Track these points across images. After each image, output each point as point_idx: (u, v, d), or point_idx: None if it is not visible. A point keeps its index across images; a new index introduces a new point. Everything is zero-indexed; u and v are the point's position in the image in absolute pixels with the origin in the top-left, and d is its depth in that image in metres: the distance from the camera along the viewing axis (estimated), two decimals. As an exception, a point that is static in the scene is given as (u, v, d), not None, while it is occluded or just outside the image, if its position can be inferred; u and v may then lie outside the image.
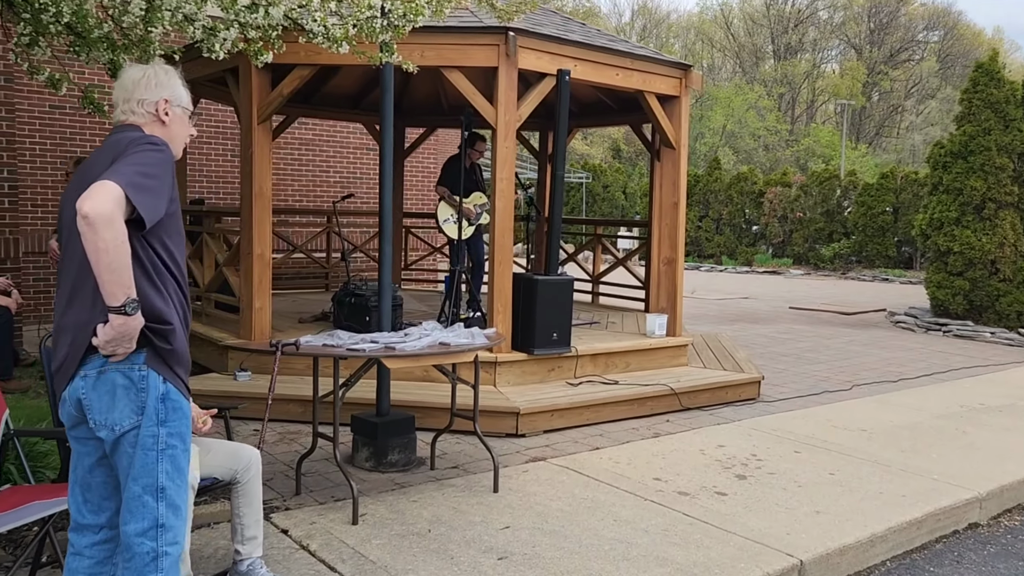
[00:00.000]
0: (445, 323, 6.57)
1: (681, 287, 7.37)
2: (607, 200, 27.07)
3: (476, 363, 4.64)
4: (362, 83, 9.68)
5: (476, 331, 4.47)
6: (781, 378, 7.94)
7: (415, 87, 9.87)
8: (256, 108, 6.20)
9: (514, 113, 6.10)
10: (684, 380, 6.65)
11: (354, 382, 4.22)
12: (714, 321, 11.89)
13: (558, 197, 6.28)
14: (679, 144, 7.23)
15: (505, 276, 6.16)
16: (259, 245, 6.33)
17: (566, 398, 5.87)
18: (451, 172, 7.94)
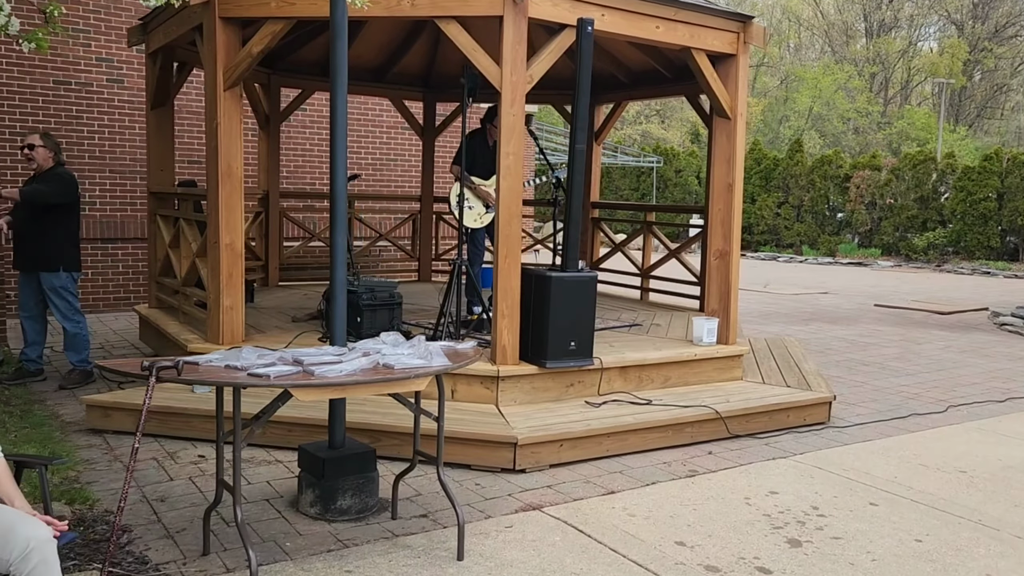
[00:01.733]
0: (443, 329, 5.53)
1: (736, 285, 6.14)
2: (679, 186, 25.59)
3: (440, 387, 3.58)
4: (387, 53, 8.71)
5: (438, 348, 3.40)
6: (859, 395, 6.63)
7: (444, 56, 8.84)
8: (222, 71, 5.26)
9: (523, 73, 4.99)
10: (735, 400, 5.45)
11: (264, 418, 3.21)
12: (785, 320, 10.54)
13: (577, 177, 5.15)
14: (735, 113, 5.99)
15: (512, 273, 5.08)
16: (228, 233, 5.41)
17: (582, 423, 4.76)
18: (469, 149, 6.87)
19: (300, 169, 10.39)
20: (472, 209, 6.81)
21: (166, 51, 6.48)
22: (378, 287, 5.86)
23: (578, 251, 5.19)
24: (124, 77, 9.22)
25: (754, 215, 22.98)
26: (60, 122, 8.89)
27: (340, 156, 3.91)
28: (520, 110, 5.01)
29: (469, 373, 5.05)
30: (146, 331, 7.07)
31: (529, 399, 5.15)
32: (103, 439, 4.87)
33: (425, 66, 9.08)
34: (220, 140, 5.29)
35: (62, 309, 5.90)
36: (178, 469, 4.39)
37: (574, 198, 5.12)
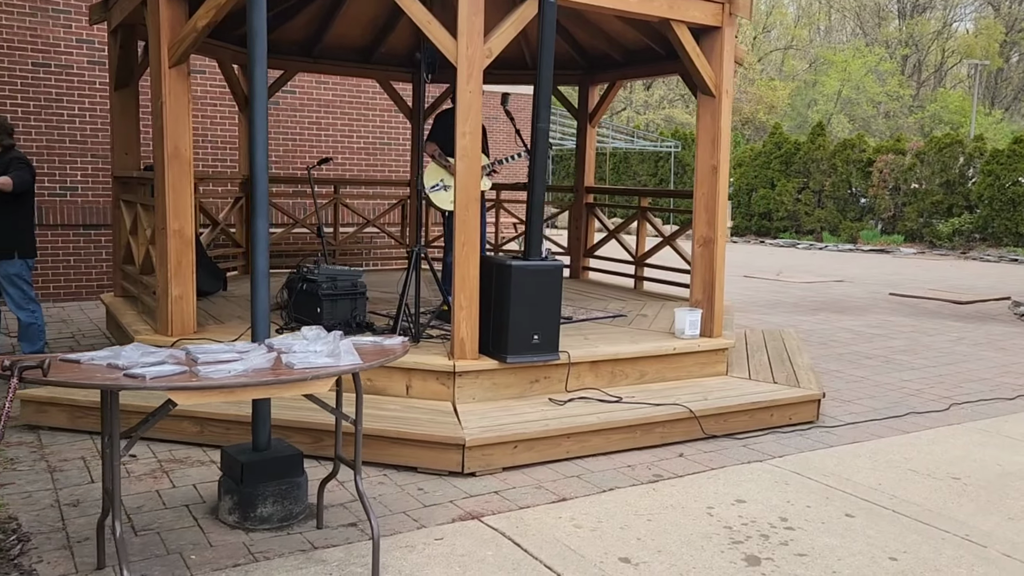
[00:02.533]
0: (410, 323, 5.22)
1: (721, 274, 5.77)
2: (698, 170, 25.00)
3: (358, 387, 3.26)
4: (372, 32, 8.38)
5: (349, 346, 3.08)
6: (856, 391, 6.23)
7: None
8: (167, 47, 4.97)
9: (480, 47, 4.65)
10: (713, 397, 5.09)
11: (151, 422, 2.91)
12: (792, 310, 10.11)
13: (540, 159, 4.80)
14: (720, 90, 5.60)
15: (470, 261, 4.75)
16: (176, 219, 5.13)
17: (539, 423, 4.43)
18: (445, 128, 6.55)
19: (290, 153, 10.12)
20: (449, 190, 6.48)
21: (126, 28, 6.22)
22: (340, 276, 5.56)
23: (541, 238, 4.84)
24: (106, 59, 8.98)
25: (774, 201, 22.42)
26: (39, 105, 8.68)
27: (259, 134, 3.62)
28: (477, 86, 4.66)
29: (424, 368, 4.75)
30: (110, 321, 6.85)
31: (489, 396, 4.83)
32: (36, 436, 4.62)
33: (412, 46, 8.73)
34: (166, 120, 5.01)
35: (16, 298, 5.67)
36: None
37: (536, 182, 4.77)
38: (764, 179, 22.85)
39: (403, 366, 4.76)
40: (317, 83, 10.21)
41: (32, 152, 8.63)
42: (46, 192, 8.71)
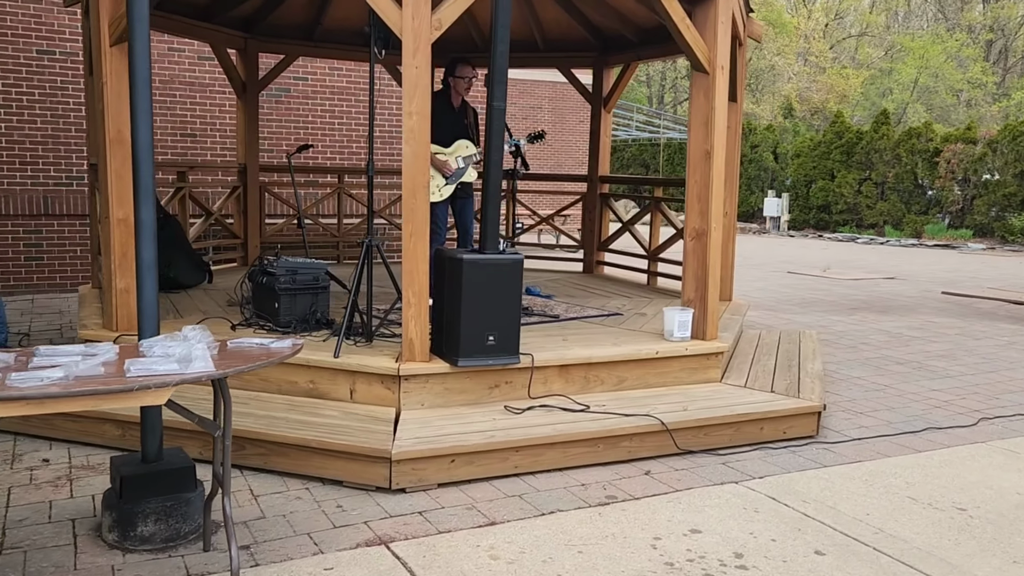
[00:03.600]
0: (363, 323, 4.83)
1: (716, 270, 5.23)
2: (754, 162, 24.09)
3: (224, 396, 2.87)
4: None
5: (203, 352, 2.69)
6: (874, 401, 5.60)
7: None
8: (107, 23, 4.67)
9: (427, 18, 4.21)
10: (695, 408, 4.57)
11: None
12: (828, 310, 9.40)
13: (495, 141, 4.33)
14: (713, 66, 5.04)
15: (418, 254, 4.33)
16: (120, 207, 4.84)
17: (483, 435, 3.99)
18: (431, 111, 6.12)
19: (302, 142, 9.84)
20: (432, 180, 6.06)
21: (96, 10, 5.95)
22: (301, 269, 5.20)
23: (498, 229, 4.39)
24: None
25: (832, 193, 21.40)
26: (44, 93, 8.57)
27: (141, 115, 3.25)
28: (424, 61, 4.23)
29: (368, 371, 4.35)
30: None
31: (440, 402, 4.40)
32: (-40, 435, 4.39)
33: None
34: (108, 102, 4.72)
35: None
36: (5, 477, 3.85)
37: (491, 166, 4.32)
38: (823, 170, 21.83)
39: (346, 368, 4.38)
40: (331, 69, 9.91)
41: (37, 140, 8.54)
42: (51, 182, 8.61)
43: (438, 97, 6.18)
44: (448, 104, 6.15)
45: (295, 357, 4.45)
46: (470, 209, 6.32)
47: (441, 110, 6.12)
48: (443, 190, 6.06)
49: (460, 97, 6.19)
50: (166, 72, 9.09)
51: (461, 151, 6.10)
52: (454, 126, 6.11)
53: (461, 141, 6.10)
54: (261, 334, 4.96)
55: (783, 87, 44.52)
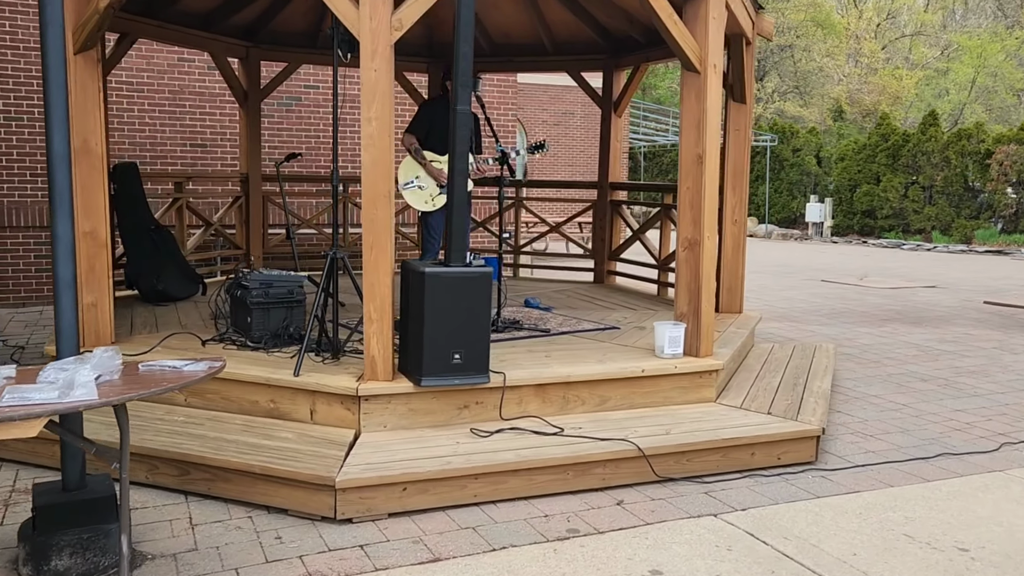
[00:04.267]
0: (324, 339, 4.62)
1: (710, 282, 4.90)
2: (796, 166, 23.46)
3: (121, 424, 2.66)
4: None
5: (87, 377, 2.49)
6: (888, 422, 5.21)
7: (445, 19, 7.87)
8: (71, 31, 4.54)
9: (386, 18, 3.99)
10: (678, 431, 4.25)
11: None
12: (856, 321, 8.94)
13: (460, 146, 4.08)
14: (705, 65, 4.73)
15: (379, 267, 4.10)
16: (88, 219, 4.70)
17: (441, 461, 3.73)
18: (428, 117, 5.93)
19: (314, 151, 9.72)
20: (423, 189, 5.86)
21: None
22: (276, 282, 5.02)
23: (465, 241, 4.14)
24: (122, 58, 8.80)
25: (878, 197, 20.69)
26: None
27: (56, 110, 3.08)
28: (384, 64, 4.01)
29: (327, 391, 4.13)
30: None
31: (405, 424, 4.16)
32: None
33: (426, 31, 8.15)
34: (73, 113, 4.58)
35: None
36: (-57, 500, 3.71)
37: (455, 174, 4.07)
38: (868, 174, 21.13)
39: (306, 388, 4.17)
40: (342, 77, 9.77)
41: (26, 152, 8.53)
42: (16, 193, 8.58)
43: (435, 104, 5.99)
44: (446, 112, 5.91)
45: (256, 375, 4.26)
46: (466, 219, 6.06)
47: (438, 117, 5.91)
48: (436, 199, 5.83)
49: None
50: (176, 83, 9.04)
51: (456, 158, 5.86)
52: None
53: None
54: (231, 350, 4.78)
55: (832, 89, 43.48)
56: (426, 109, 6.00)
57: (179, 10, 6.72)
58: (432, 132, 5.88)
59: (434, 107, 5.95)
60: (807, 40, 43.96)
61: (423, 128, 5.90)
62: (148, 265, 6.35)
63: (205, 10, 6.99)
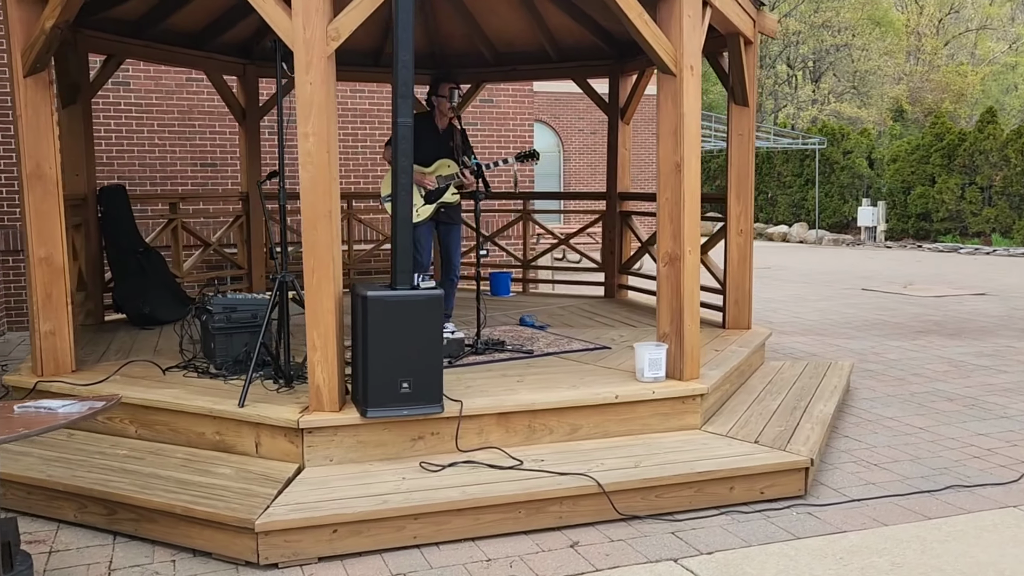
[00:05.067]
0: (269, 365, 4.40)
1: (694, 299, 4.55)
2: (846, 169, 22.64)
3: None
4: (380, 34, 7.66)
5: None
6: (899, 449, 4.77)
7: (447, 31, 7.66)
8: (19, 52, 4.44)
9: (320, 28, 3.76)
10: (649, 463, 3.92)
11: None
12: (890, 333, 8.41)
13: (403, 161, 3.83)
14: (680, 66, 4.40)
15: (322, 290, 3.87)
16: (43, 245, 4.59)
17: (377, 500, 3.47)
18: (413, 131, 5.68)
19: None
20: (402, 205, 5.61)
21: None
22: (240, 306, 4.84)
23: (410, 260, 3.88)
24: (130, 80, 8.83)
25: (933, 200, 19.81)
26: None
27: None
28: (320, 77, 3.78)
29: (270, 423, 3.91)
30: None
31: (354, 456, 3.92)
32: None
33: (429, 42, 7.95)
34: (23, 136, 4.48)
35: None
36: None
37: (400, 192, 3.82)
38: (923, 175, 20.26)
39: (249, 420, 3.96)
40: (352, 92, 9.66)
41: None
42: None
43: (421, 119, 5.75)
44: (431, 125, 5.69)
45: (201, 407, 4.07)
46: (455, 236, 5.81)
47: (423, 132, 5.67)
48: (420, 210, 5.60)
49: (446, 118, 5.71)
50: (184, 103, 9.02)
51: (442, 170, 5.63)
52: (437, 148, 5.65)
53: (443, 160, 5.63)
54: (191, 377, 4.61)
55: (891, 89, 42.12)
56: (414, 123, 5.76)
57: (168, 29, 6.64)
58: (417, 145, 5.64)
59: (418, 120, 5.71)
60: (864, 39, 42.70)
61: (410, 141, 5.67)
62: (135, 288, 6.25)
63: (196, 29, 6.90)
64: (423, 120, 5.74)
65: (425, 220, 5.59)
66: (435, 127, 5.65)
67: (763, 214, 25.32)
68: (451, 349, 5.08)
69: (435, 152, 5.60)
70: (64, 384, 4.44)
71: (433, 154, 5.60)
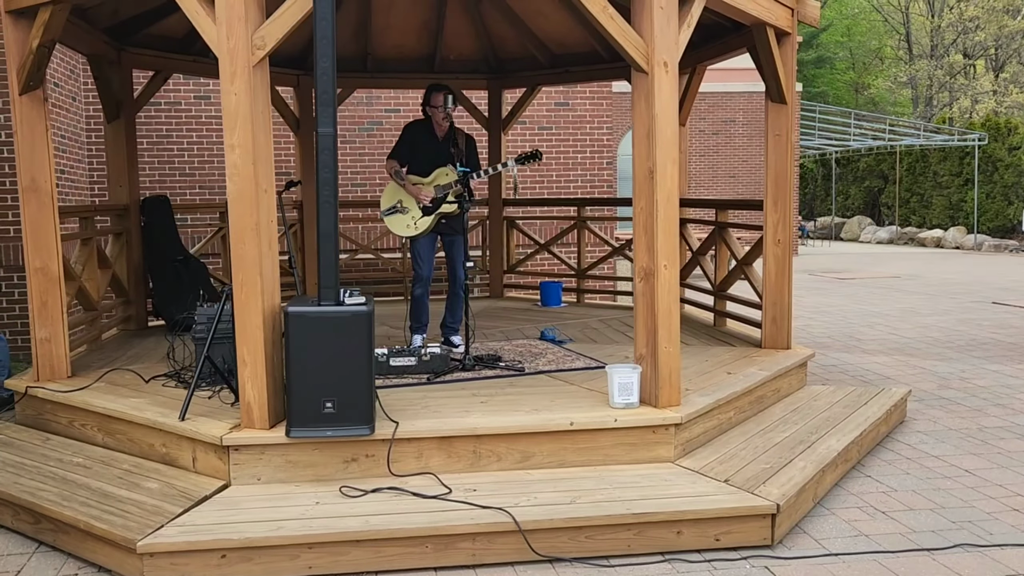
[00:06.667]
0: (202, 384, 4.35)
1: (669, 318, 4.12)
2: (1012, 167, 20.51)
3: None
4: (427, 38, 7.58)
5: None
6: (925, 494, 4.13)
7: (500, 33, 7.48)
8: (14, 72, 4.63)
9: (244, 37, 3.66)
10: (586, 500, 3.56)
11: None
12: (991, 356, 7.43)
13: (324, 173, 3.65)
14: (652, 63, 4.00)
15: (250, 306, 3.78)
16: (38, 256, 4.78)
17: (271, 525, 3.33)
18: (406, 140, 5.57)
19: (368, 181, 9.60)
20: (406, 213, 5.49)
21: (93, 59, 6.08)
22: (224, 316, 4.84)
23: (334, 274, 3.71)
24: (211, 93, 9.19)
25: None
26: (152, 142, 9.09)
27: None
28: (244, 87, 3.68)
29: (202, 439, 3.86)
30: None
31: (283, 477, 3.80)
32: None
33: (481, 47, 7.79)
34: (19, 151, 4.68)
35: (-26, 335, 5.75)
36: None
37: (321, 202, 3.66)
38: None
39: (186, 434, 3.92)
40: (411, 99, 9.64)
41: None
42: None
43: (419, 126, 5.62)
44: (430, 134, 5.52)
45: (147, 419, 4.08)
46: (459, 249, 5.59)
47: (420, 140, 5.54)
48: (419, 223, 5.44)
49: (446, 125, 5.53)
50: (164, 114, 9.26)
51: (440, 179, 5.45)
52: (436, 156, 5.48)
53: (442, 168, 5.45)
54: (169, 387, 4.66)
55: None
56: (408, 131, 5.63)
57: (215, 44, 6.81)
58: (415, 155, 5.51)
59: (417, 129, 5.57)
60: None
61: (406, 151, 5.55)
62: (171, 295, 6.45)
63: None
64: (420, 127, 5.59)
65: (425, 232, 5.42)
66: (433, 134, 5.48)
67: (915, 217, 23.44)
68: (435, 364, 4.89)
69: (433, 160, 5.42)
70: (46, 391, 4.60)
71: (431, 162, 5.43)
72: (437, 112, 5.46)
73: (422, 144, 5.50)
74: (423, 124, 5.57)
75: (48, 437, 4.51)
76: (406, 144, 5.55)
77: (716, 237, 6.49)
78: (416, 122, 5.63)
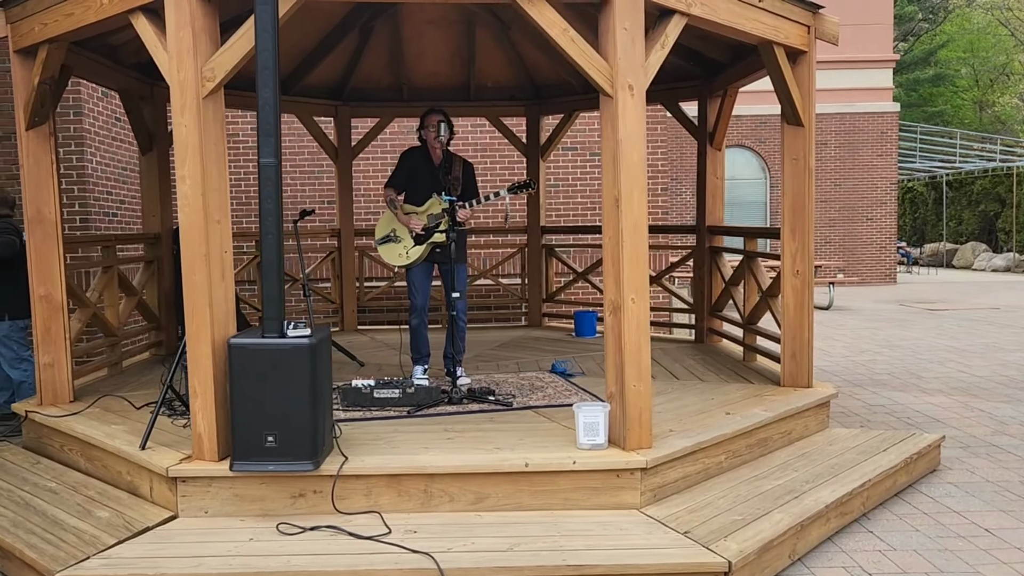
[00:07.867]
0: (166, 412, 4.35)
1: (638, 354, 3.87)
2: None
3: None
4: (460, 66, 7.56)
5: None
6: (925, 555, 3.72)
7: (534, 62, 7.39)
8: (21, 109, 4.84)
9: (193, 67, 3.68)
10: (524, 548, 3.34)
11: None
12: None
13: (267, 204, 3.61)
14: (615, 85, 3.80)
15: (200, 336, 3.76)
16: (43, 284, 4.95)
17: (193, 560, 3.27)
18: (403, 169, 5.52)
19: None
20: (399, 242, 5.43)
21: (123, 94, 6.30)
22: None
23: (279, 306, 3.65)
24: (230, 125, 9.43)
25: None
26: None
27: None
28: (194, 119, 3.70)
29: (153, 469, 3.86)
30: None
31: (230, 511, 3.75)
32: None
33: (516, 74, 7.71)
34: (25, 184, 4.87)
35: (7, 357, 5.99)
36: None
37: (265, 233, 3.62)
38: None
39: (142, 463, 3.94)
40: (473, 127, 9.63)
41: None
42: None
43: (415, 153, 5.56)
44: (426, 159, 5.45)
45: (114, 447, 4.12)
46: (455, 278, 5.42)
47: (416, 168, 5.47)
48: (411, 252, 5.36)
49: (435, 154, 5.45)
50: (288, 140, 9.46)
51: (434, 208, 5.36)
52: (432, 183, 5.39)
53: (433, 198, 5.36)
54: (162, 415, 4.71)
55: None
56: (405, 159, 5.57)
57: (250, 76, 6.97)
58: (411, 182, 5.45)
59: (413, 156, 5.50)
60: None
61: (402, 179, 5.49)
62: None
63: (282, 74, 7.20)
64: (416, 154, 5.51)
65: (417, 261, 5.34)
66: (429, 161, 5.40)
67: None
68: (420, 397, 4.77)
69: (429, 187, 5.34)
70: (40, 415, 4.73)
71: (427, 190, 5.35)
72: (430, 134, 5.39)
73: (417, 170, 5.43)
74: (419, 151, 5.51)
75: (38, 460, 4.63)
76: (403, 172, 5.50)
77: (745, 266, 6.13)
78: (412, 149, 5.57)
